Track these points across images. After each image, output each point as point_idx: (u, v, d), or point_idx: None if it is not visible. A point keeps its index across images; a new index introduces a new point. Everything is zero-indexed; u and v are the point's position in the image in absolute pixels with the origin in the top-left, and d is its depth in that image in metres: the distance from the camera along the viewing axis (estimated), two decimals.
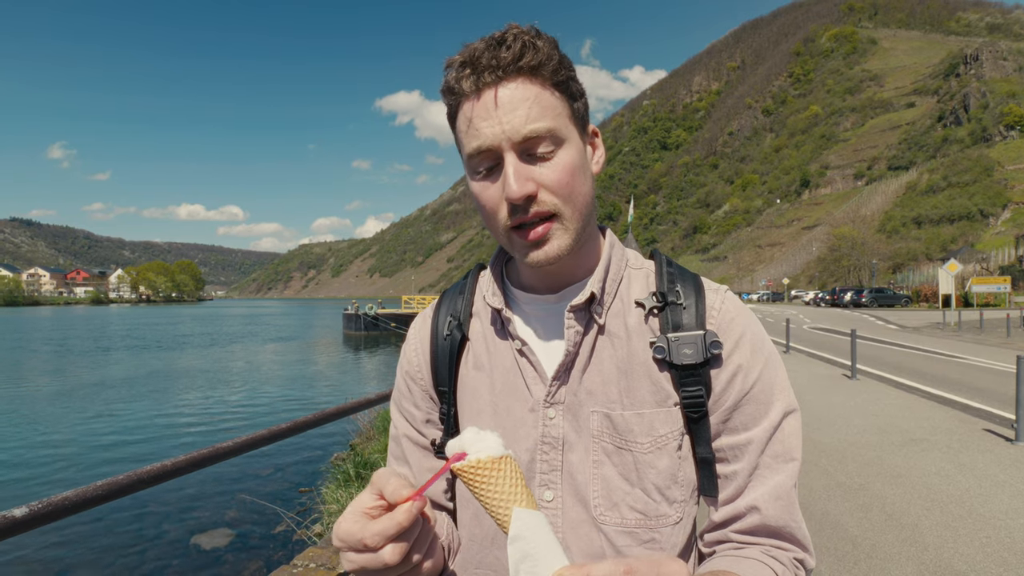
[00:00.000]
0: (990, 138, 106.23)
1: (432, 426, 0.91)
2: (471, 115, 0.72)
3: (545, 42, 0.72)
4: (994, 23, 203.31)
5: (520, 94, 0.70)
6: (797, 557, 0.78)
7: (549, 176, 0.71)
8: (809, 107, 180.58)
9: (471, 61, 0.71)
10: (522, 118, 0.70)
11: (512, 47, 0.70)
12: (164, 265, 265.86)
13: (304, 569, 2.36)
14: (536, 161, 0.72)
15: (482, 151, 0.72)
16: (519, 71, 0.70)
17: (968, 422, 7.28)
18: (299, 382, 20.70)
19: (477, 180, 0.75)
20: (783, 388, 0.80)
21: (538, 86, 0.71)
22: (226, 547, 6.61)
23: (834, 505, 4.60)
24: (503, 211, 0.73)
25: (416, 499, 0.58)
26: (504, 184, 0.71)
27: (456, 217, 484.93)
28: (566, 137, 0.73)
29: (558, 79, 0.73)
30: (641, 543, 0.76)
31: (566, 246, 0.74)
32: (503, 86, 0.70)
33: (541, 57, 0.71)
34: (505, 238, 0.76)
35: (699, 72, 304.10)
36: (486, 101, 0.71)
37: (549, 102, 0.72)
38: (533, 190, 0.71)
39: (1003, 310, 36.72)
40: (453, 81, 0.73)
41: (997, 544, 3.85)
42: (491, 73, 0.70)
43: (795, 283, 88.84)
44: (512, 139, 0.70)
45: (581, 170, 0.75)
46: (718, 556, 0.79)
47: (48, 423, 13.51)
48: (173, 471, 1.85)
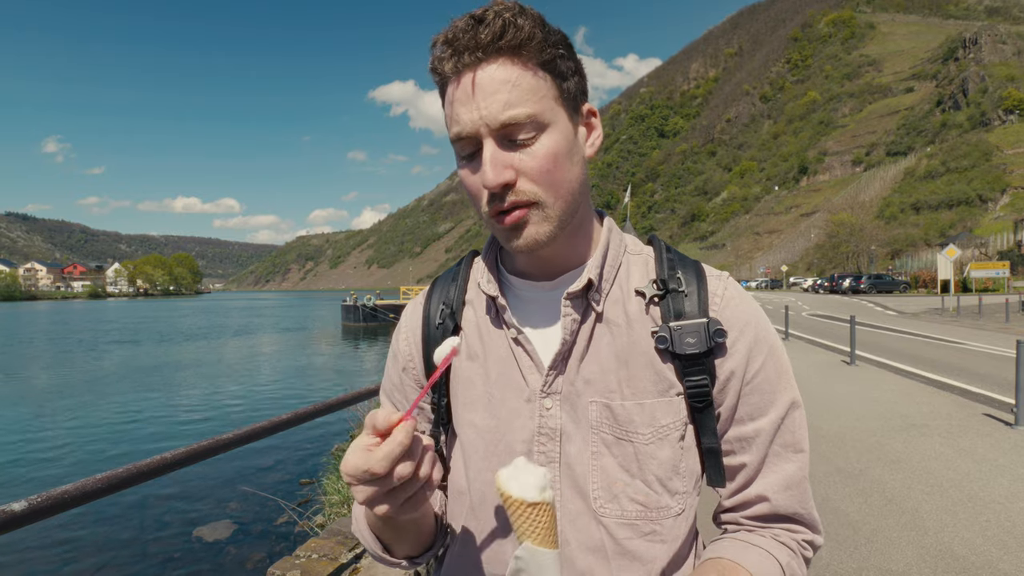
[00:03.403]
0: (989, 122, 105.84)
1: (423, 416, 0.90)
2: (452, 99, 0.70)
3: (528, 19, 0.68)
4: (993, 6, 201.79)
5: (500, 76, 0.68)
6: (806, 539, 0.79)
7: (529, 163, 0.69)
8: (807, 93, 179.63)
9: (451, 40, 0.69)
10: (500, 104, 0.67)
11: (492, 25, 0.67)
12: (161, 258, 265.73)
13: (307, 560, 2.36)
14: (516, 147, 0.69)
15: (462, 138, 0.70)
16: (499, 51, 0.68)
17: (967, 407, 7.29)
18: (298, 374, 20.70)
19: (462, 166, 0.74)
20: (788, 378, 0.79)
21: (519, 67, 0.68)
22: (228, 539, 6.63)
23: (834, 490, 4.61)
24: (485, 196, 0.71)
25: (408, 419, 0.61)
26: (481, 173, 0.69)
27: (453, 207, 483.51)
28: (550, 121, 0.70)
29: (544, 58, 0.69)
30: (642, 535, 0.75)
31: (545, 233, 0.72)
32: (482, 68, 0.68)
33: (523, 36, 0.68)
34: (489, 224, 0.74)
35: (696, 59, 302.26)
36: (465, 85, 0.69)
37: (531, 84, 0.69)
38: (511, 178, 0.69)
39: (1002, 295, 36.77)
40: (436, 62, 0.71)
41: (997, 528, 3.86)
42: (470, 54, 0.68)
43: (794, 270, 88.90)
44: (490, 125, 0.68)
45: (567, 156, 0.72)
46: (728, 538, 0.80)
47: (48, 416, 13.51)
48: (173, 463, 1.84)
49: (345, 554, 2.38)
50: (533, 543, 0.60)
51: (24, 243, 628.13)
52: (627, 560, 0.75)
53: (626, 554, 0.75)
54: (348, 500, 5.33)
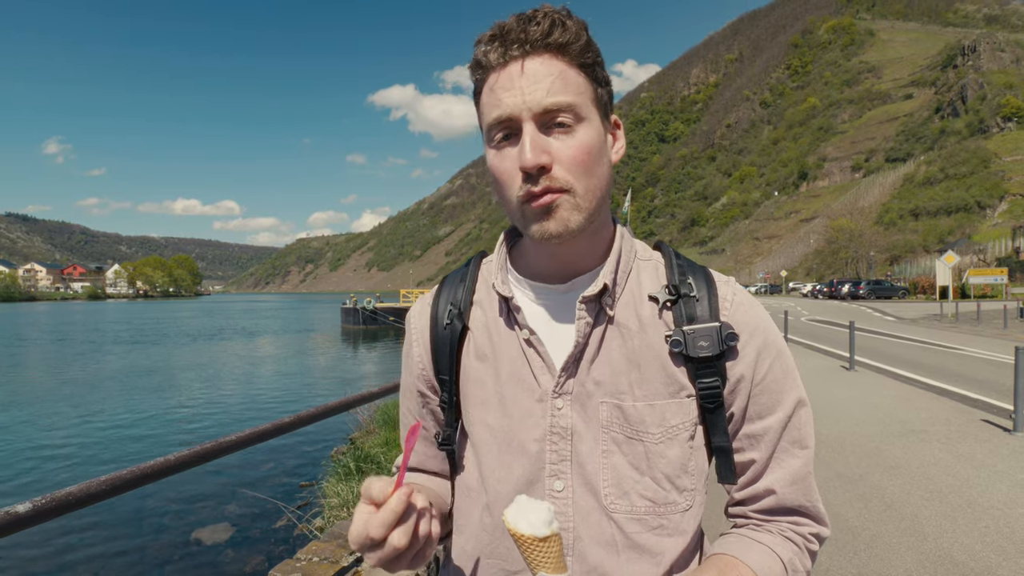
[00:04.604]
0: (987, 129, 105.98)
1: (432, 418, 0.92)
2: (495, 85, 0.73)
3: (575, 22, 0.72)
4: (992, 14, 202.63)
5: (545, 68, 0.71)
6: (812, 531, 0.81)
7: (565, 151, 0.71)
8: (807, 99, 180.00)
9: (500, 35, 0.72)
10: (544, 90, 0.70)
11: (541, 24, 0.71)
12: (161, 260, 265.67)
13: (308, 563, 2.36)
14: (554, 134, 0.72)
15: (502, 120, 0.72)
16: (547, 47, 0.71)
17: (966, 413, 7.30)
18: (297, 377, 20.69)
19: (493, 148, 0.75)
20: (795, 378, 0.82)
21: (564, 63, 0.72)
22: (227, 542, 6.62)
23: (834, 495, 4.62)
24: (517, 180, 0.72)
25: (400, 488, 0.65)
26: (520, 152, 0.71)
27: (454, 211, 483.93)
28: (587, 116, 0.73)
29: (584, 61, 0.73)
30: (651, 529, 0.78)
31: (575, 221, 0.73)
32: (529, 59, 0.71)
33: (569, 36, 0.71)
34: (517, 209, 0.75)
35: (697, 64, 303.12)
36: (511, 72, 0.71)
37: (573, 79, 0.72)
38: (548, 161, 0.71)
39: (1000, 301, 36.78)
40: (481, 55, 0.74)
41: (996, 534, 3.87)
42: (519, 47, 0.71)
43: (793, 275, 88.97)
44: (532, 109, 0.70)
45: (599, 152, 0.74)
46: (733, 533, 0.83)
47: (52, 418, 13.50)
48: (177, 465, 1.84)
49: (346, 557, 2.39)
50: (547, 573, 0.64)
51: (24, 244, 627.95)
52: (636, 553, 0.77)
53: (636, 547, 0.77)
54: (348, 503, 5.33)
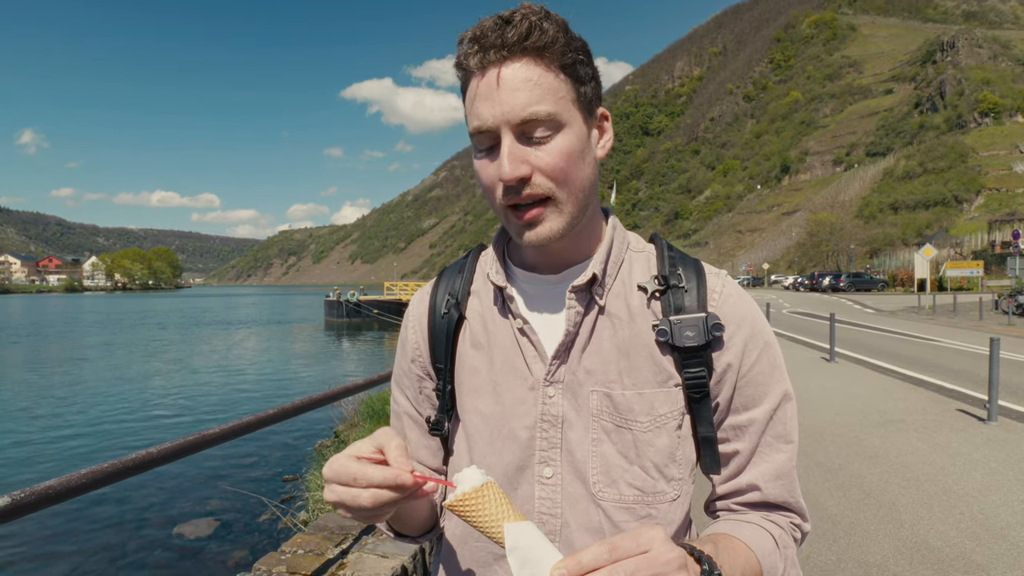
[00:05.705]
0: (965, 125, 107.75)
1: (428, 403, 0.92)
2: (475, 94, 0.73)
3: (553, 23, 0.71)
4: (970, 11, 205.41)
5: (523, 75, 0.71)
6: (794, 522, 0.83)
7: (544, 160, 0.72)
8: (789, 93, 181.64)
9: (478, 38, 0.72)
10: (522, 101, 0.70)
11: (518, 27, 0.70)
12: (140, 252, 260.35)
13: (293, 556, 2.35)
14: (533, 144, 0.72)
15: (481, 131, 0.73)
16: (524, 51, 0.71)
17: (943, 403, 7.46)
18: (280, 370, 20.52)
19: (478, 158, 0.76)
20: (781, 371, 0.83)
21: (542, 68, 0.71)
22: (210, 536, 6.57)
23: (814, 485, 4.70)
24: (500, 189, 0.74)
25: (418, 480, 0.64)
26: (499, 166, 0.72)
27: (438, 203, 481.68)
28: (567, 122, 0.73)
29: (564, 61, 0.73)
30: (638, 518, 0.78)
31: (559, 228, 0.75)
32: (506, 66, 0.71)
33: (547, 39, 0.71)
34: (503, 216, 0.77)
35: (681, 57, 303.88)
36: (489, 80, 0.71)
37: (552, 85, 0.72)
38: (526, 172, 0.71)
39: (976, 294, 37.52)
40: (462, 57, 0.74)
41: (970, 520, 3.96)
42: (496, 52, 0.71)
43: (775, 268, 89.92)
44: (510, 121, 0.70)
45: (579, 155, 0.74)
46: (721, 520, 0.83)
47: (30, 412, 13.25)
48: (159, 458, 1.82)
49: (331, 549, 2.38)
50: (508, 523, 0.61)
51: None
52: None
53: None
54: None
